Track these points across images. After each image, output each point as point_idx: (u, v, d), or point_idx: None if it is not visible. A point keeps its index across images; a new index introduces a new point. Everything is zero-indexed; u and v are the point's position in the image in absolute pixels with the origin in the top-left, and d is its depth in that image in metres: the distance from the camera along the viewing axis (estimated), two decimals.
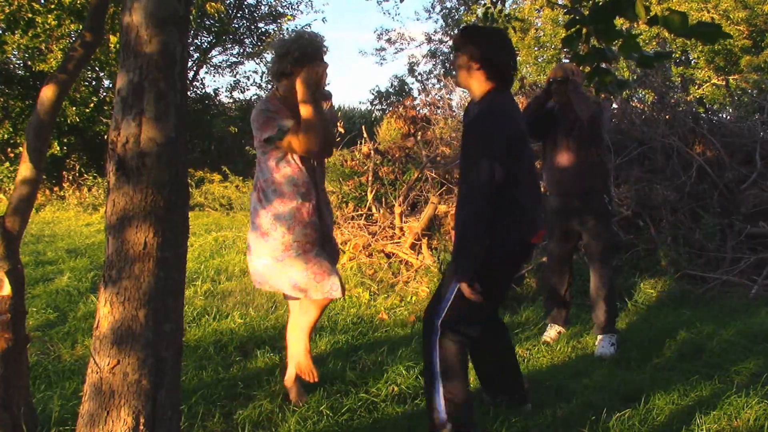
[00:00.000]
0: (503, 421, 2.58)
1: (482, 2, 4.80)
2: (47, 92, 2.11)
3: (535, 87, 8.52)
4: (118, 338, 1.72)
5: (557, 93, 3.70)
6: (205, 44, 14.56)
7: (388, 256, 5.39)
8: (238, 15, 14.92)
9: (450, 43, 21.02)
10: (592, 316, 3.84)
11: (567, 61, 5.98)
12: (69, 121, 10.84)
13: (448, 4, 20.91)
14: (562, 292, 3.91)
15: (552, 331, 3.84)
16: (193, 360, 3.27)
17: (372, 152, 6.33)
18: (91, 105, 11.25)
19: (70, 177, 11.80)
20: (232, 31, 14.52)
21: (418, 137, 6.84)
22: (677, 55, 11.60)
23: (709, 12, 10.76)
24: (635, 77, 6.93)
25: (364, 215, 5.93)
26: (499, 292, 2.65)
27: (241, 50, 15.50)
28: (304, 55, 2.46)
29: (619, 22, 2.17)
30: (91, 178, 11.23)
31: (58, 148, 10.94)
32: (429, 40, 21.82)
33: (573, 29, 2.10)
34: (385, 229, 5.63)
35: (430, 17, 34.90)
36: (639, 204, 5.51)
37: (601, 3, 1.98)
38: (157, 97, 1.70)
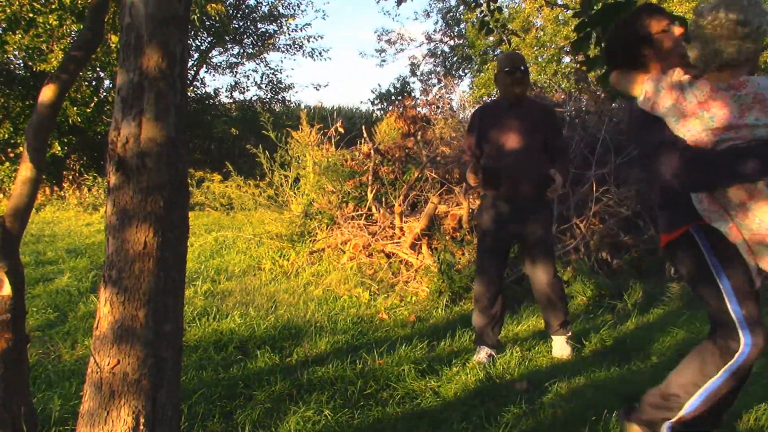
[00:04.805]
0: (503, 421, 2.58)
1: (480, 3, 4.76)
2: (47, 92, 2.11)
3: (534, 87, 8.51)
4: (118, 338, 1.72)
5: (520, 83, 3.43)
6: (205, 44, 14.57)
7: (388, 256, 5.39)
8: (238, 15, 14.93)
9: (451, 43, 21.03)
10: (544, 318, 3.61)
11: (572, 62, 5.97)
12: (71, 121, 10.84)
13: (448, 4, 20.87)
14: (497, 307, 3.56)
15: (482, 354, 3.45)
16: (193, 360, 3.27)
17: (372, 152, 6.32)
18: (92, 105, 11.26)
19: (71, 177, 11.81)
20: (231, 32, 14.52)
21: (419, 137, 6.83)
22: None
23: None
24: None
25: (364, 215, 5.92)
26: None
27: (241, 50, 15.50)
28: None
29: None
30: (91, 178, 11.23)
31: (59, 148, 10.93)
32: (429, 39, 21.79)
33: (581, 32, 2.08)
34: (385, 229, 5.63)
35: (429, 17, 34.89)
36: (639, 204, 5.51)
37: (603, 6, 1.98)
38: (157, 97, 1.70)
